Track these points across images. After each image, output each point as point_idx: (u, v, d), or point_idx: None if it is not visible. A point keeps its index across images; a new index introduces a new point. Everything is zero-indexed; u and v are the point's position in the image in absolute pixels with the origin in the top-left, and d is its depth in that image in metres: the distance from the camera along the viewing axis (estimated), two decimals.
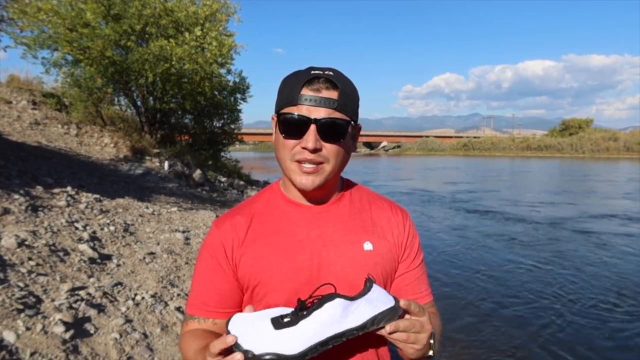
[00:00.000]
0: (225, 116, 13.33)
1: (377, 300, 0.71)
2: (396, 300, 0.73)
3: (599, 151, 58.01)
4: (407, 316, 0.74)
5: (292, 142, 0.81)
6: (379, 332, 0.72)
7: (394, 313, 0.72)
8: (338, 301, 0.69)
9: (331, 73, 0.81)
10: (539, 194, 15.11)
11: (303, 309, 0.69)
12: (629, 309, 4.50)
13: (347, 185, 0.97)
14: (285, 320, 0.68)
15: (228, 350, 0.65)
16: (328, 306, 0.68)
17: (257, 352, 0.64)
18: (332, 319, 0.68)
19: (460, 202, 12.65)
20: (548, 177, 22.80)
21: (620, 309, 4.51)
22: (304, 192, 0.87)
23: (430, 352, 0.76)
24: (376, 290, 0.72)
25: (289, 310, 0.71)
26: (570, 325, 4.12)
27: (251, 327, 0.67)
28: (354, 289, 0.81)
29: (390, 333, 0.72)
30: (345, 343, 0.82)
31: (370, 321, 0.69)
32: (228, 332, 0.66)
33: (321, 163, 0.82)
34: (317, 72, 0.80)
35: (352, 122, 0.83)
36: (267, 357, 0.64)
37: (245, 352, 0.64)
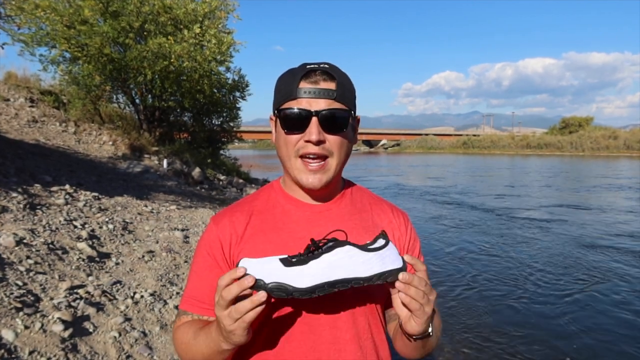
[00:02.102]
0: (224, 114, 13.29)
1: (388, 258, 0.72)
2: (404, 262, 0.74)
3: (599, 149, 58.08)
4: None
5: (294, 137, 0.81)
6: (390, 288, 0.73)
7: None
8: (348, 248, 0.71)
9: (327, 66, 0.81)
10: (508, 188, 16.10)
11: (315, 249, 0.71)
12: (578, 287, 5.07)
13: (348, 185, 0.97)
14: (294, 259, 0.70)
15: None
16: (338, 251, 0.70)
17: (267, 281, 0.66)
18: (340, 263, 0.70)
19: (431, 195, 13.65)
20: (526, 174, 23.77)
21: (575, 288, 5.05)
22: (309, 191, 0.87)
23: (430, 329, 0.76)
24: (390, 248, 0.74)
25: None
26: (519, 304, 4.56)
27: (260, 264, 0.68)
28: (355, 289, 0.80)
29: (403, 284, 0.71)
30: (348, 342, 0.82)
31: (377, 276, 0.71)
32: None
33: (326, 157, 0.81)
34: (312, 66, 0.80)
35: (352, 113, 0.84)
36: (275, 286, 0.66)
37: (257, 281, 0.66)
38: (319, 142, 0.79)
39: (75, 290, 2.63)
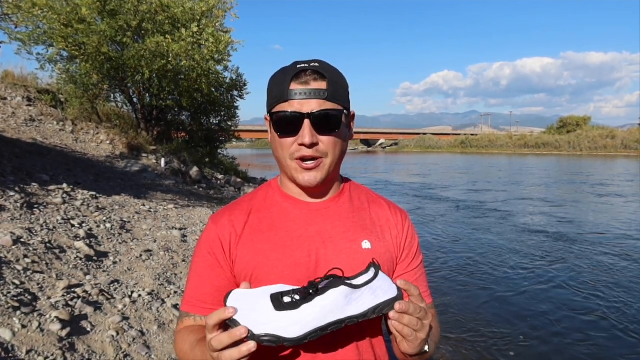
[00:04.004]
0: (222, 113, 13.26)
1: (380, 289, 0.70)
2: (399, 289, 0.71)
3: (597, 149, 58.26)
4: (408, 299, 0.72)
5: (288, 140, 0.81)
6: (387, 318, 0.71)
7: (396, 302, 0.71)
8: (342, 289, 0.67)
9: (317, 64, 0.80)
10: (483, 184, 17.01)
11: (310, 290, 0.68)
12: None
13: (347, 182, 0.96)
14: (286, 301, 0.67)
15: (225, 325, 0.64)
16: (331, 293, 0.67)
17: (256, 331, 0.63)
18: (334, 306, 0.67)
19: (409, 190, 14.63)
20: (500, 171, 24.68)
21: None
22: (306, 188, 0.87)
23: (427, 347, 0.75)
24: (381, 278, 0.71)
25: (287, 287, 0.70)
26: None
27: (250, 304, 0.65)
28: None
29: (398, 314, 0.69)
30: (344, 340, 0.82)
31: (372, 310, 0.69)
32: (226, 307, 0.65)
33: (320, 158, 0.81)
34: (302, 65, 0.80)
35: (345, 111, 0.83)
36: (266, 338, 0.63)
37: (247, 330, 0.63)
38: (312, 145, 0.79)
39: (72, 290, 2.62)
